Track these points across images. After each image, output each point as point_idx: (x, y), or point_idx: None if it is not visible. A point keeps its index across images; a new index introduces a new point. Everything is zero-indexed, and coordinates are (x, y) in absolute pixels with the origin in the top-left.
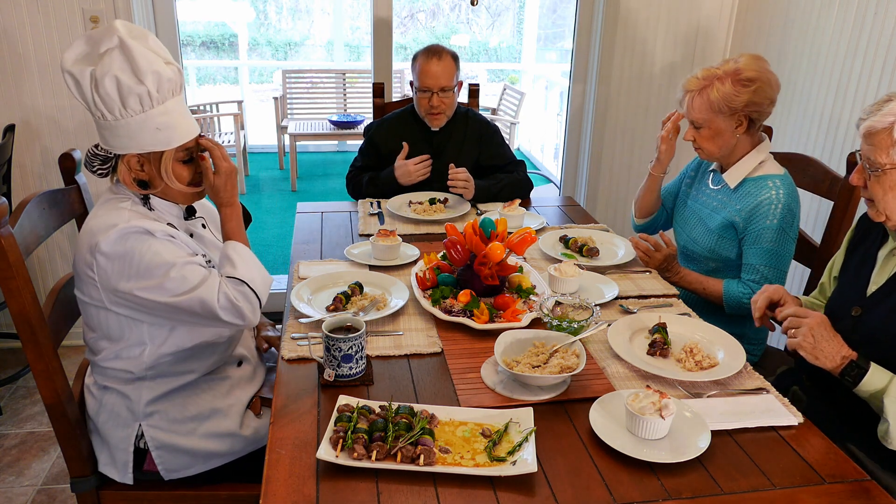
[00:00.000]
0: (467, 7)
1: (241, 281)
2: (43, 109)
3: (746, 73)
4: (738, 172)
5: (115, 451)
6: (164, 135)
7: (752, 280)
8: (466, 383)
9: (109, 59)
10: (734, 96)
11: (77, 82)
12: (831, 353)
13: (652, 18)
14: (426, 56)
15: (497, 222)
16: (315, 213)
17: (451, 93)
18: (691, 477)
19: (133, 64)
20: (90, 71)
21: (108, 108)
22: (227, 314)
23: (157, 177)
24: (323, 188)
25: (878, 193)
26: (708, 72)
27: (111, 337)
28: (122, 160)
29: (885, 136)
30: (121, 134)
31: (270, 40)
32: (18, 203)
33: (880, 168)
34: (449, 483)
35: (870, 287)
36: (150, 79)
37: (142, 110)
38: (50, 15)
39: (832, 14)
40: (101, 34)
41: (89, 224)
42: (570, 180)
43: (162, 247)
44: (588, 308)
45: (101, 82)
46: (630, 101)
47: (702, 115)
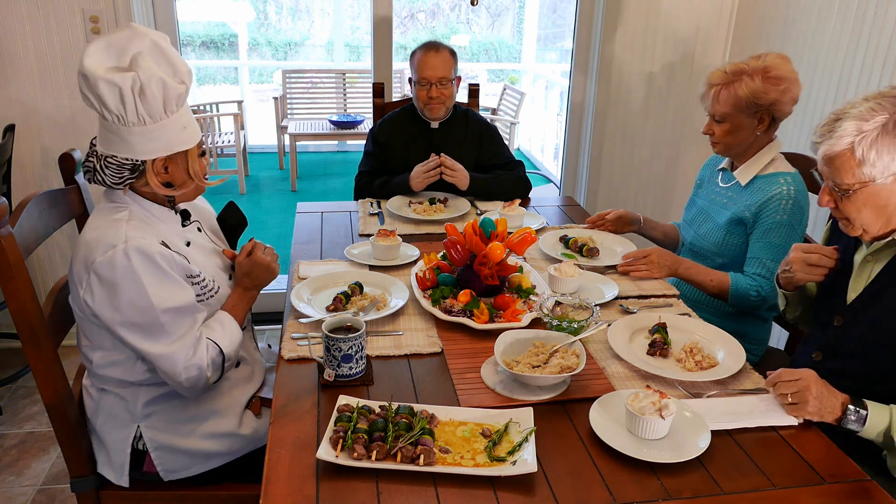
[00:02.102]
0: (467, 7)
1: (220, 352)
2: (43, 109)
3: (776, 72)
4: (749, 170)
5: (113, 452)
6: (189, 132)
7: (757, 274)
8: (466, 383)
9: (147, 63)
10: (763, 94)
11: (118, 89)
12: (832, 406)
13: (652, 18)
14: (424, 50)
15: (497, 222)
16: (315, 213)
17: (450, 84)
18: (691, 477)
19: (172, 65)
20: (131, 76)
21: (151, 112)
22: (189, 375)
23: (185, 175)
24: (323, 188)
25: (852, 212)
26: (736, 66)
27: (104, 347)
28: (150, 165)
29: (848, 157)
30: (154, 137)
31: (270, 40)
32: (18, 203)
33: (850, 189)
34: (449, 483)
35: (849, 294)
36: (188, 78)
37: (175, 111)
38: (50, 15)
39: (832, 14)
40: (123, 37)
41: (87, 236)
42: (570, 180)
43: (151, 283)
44: (588, 308)
45: (146, 86)
46: (630, 101)
47: (726, 110)
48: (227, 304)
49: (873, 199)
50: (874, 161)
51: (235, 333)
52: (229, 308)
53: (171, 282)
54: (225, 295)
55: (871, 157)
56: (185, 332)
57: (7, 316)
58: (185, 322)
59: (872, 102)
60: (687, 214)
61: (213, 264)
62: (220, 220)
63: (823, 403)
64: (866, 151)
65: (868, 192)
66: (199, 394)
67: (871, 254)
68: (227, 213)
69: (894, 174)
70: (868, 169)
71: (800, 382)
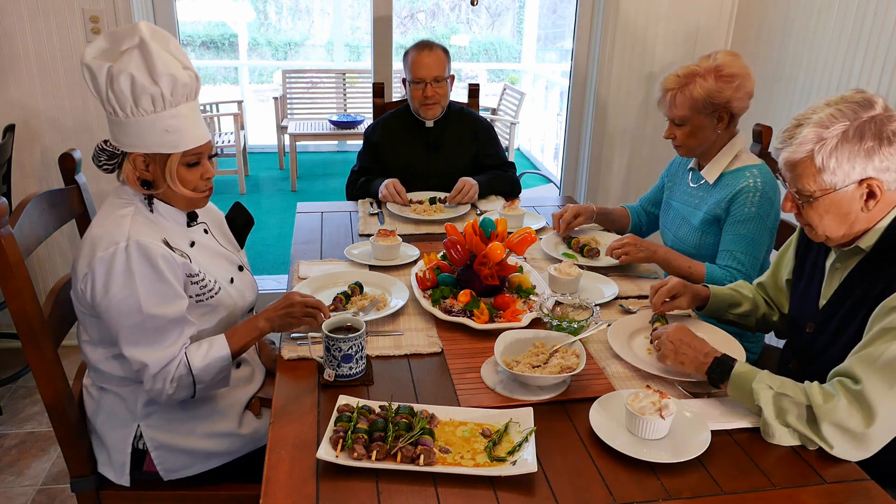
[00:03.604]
0: (467, 7)
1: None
2: (43, 109)
3: (728, 70)
4: (715, 168)
5: (113, 451)
6: (173, 138)
7: (728, 266)
8: (466, 383)
9: (128, 57)
10: (717, 92)
11: (94, 76)
12: (693, 355)
13: (652, 18)
14: (417, 49)
15: (497, 222)
16: (315, 213)
17: (444, 83)
18: (691, 477)
19: (150, 64)
20: (107, 66)
21: (121, 105)
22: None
23: (161, 178)
24: (323, 188)
25: (814, 219)
26: (688, 69)
27: (104, 343)
28: (129, 158)
29: (808, 164)
30: (130, 132)
31: (270, 40)
32: (18, 203)
33: (811, 196)
34: (449, 483)
35: (821, 300)
36: (165, 81)
37: (153, 111)
38: (50, 15)
39: (832, 14)
40: (124, 33)
41: (92, 231)
42: (570, 180)
43: (144, 286)
44: (588, 308)
45: (116, 78)
46: (630, 101)
47: (684, 112)
48: (233, 328)
49: (835, 206)
50: (834, 169)
51: (218, 360)
52: (230, 333)
53: (166, 289)
54: (226, 296)
55: (830, 164)
56: (167, 344)
57: (7, 316)
58: (169, 334)
59: (834, 108)
60: (664, 217)
61: (217, 266)
62: (228, 220)
63: (682, 350)
64: (826, 159)
65: (830, 200)
66: (162, 403)
67: (839, 260)
68: (235, 213)
69: (855, 182)
70: (829, 177)
71: (663, 330)
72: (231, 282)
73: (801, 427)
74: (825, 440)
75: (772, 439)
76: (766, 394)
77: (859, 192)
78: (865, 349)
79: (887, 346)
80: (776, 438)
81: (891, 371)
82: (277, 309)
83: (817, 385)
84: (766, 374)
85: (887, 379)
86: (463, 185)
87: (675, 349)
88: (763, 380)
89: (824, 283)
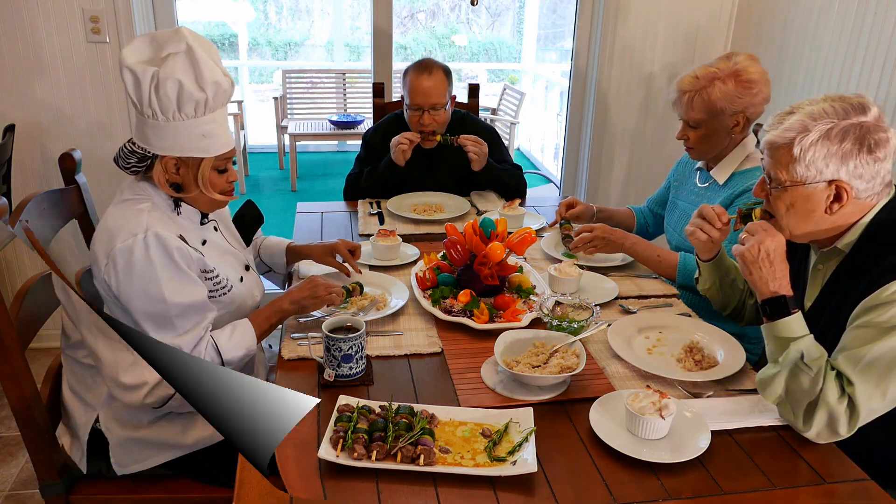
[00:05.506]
0: (467, 7)
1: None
2: (43, 109)
3: (747, 75)
4: (726, 168)
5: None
6: (207, 142)
7: None
8: (466, 383)
9: (174, 63)
10: (737, 98)
11: (137, 80)
12: (770, 276)
13: (652, 18)
14: (416, 72)
15: (497, 222)
16: (315, 213)
17: (443, 110)
18: (691, 477)
19: (197, 71)
20: (153, 71)
21: (163, 109)
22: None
23: (193, 182)
24: (323, 188)
25: (780, 209)
26: (706, 71)
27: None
28: (160, 161)
29: (786, 152)
30: (166, 135)
31: (270, 40)
32: (18, 203)
33: (780, 185)
34: (449, 483)
35: (806, 301)
36: (211, 87)
37: (193, 116)
38: (49, 15)
39: (832, 14)
40: (166, 37)
41: (108, 223)
42: (570, 180)
43: (164, 274)
44: (588, 308)
45: (162, 83)
46: (630, 100)
47: (701, 116)
48: (257, 311)
49: (801, 201)
50: (808, 162)
51: (245, 341)
52: (253, 316)
53: (184, 277)
54: (237, 294)
55: (806, 157)
56: (191, 328)
57: None
58: (192, 318)
59: (827, 105)
60: (669, 217)
61: (227, 264)
62: (238, 216)
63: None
64: (804, 151)
65: (797, 193)
66: None
67: (820, 262)
68: (246, 210)
69: (825, 181)
70: (801, 169)
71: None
72: (241, 280)
73: (794, 405)
74: (809, 424)
75: (762, 392)
76: (794, 355)
77: (826, 192)
78: (851, 350)
79: (871, 346)
80: (765, 395)
81: (875, 371)
82: (302, 290)
83: (836, 380)
84: (809, 340)
85: (873, 379)
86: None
87: (759, 258)
88: (803, 344)
89: (808, 285)
